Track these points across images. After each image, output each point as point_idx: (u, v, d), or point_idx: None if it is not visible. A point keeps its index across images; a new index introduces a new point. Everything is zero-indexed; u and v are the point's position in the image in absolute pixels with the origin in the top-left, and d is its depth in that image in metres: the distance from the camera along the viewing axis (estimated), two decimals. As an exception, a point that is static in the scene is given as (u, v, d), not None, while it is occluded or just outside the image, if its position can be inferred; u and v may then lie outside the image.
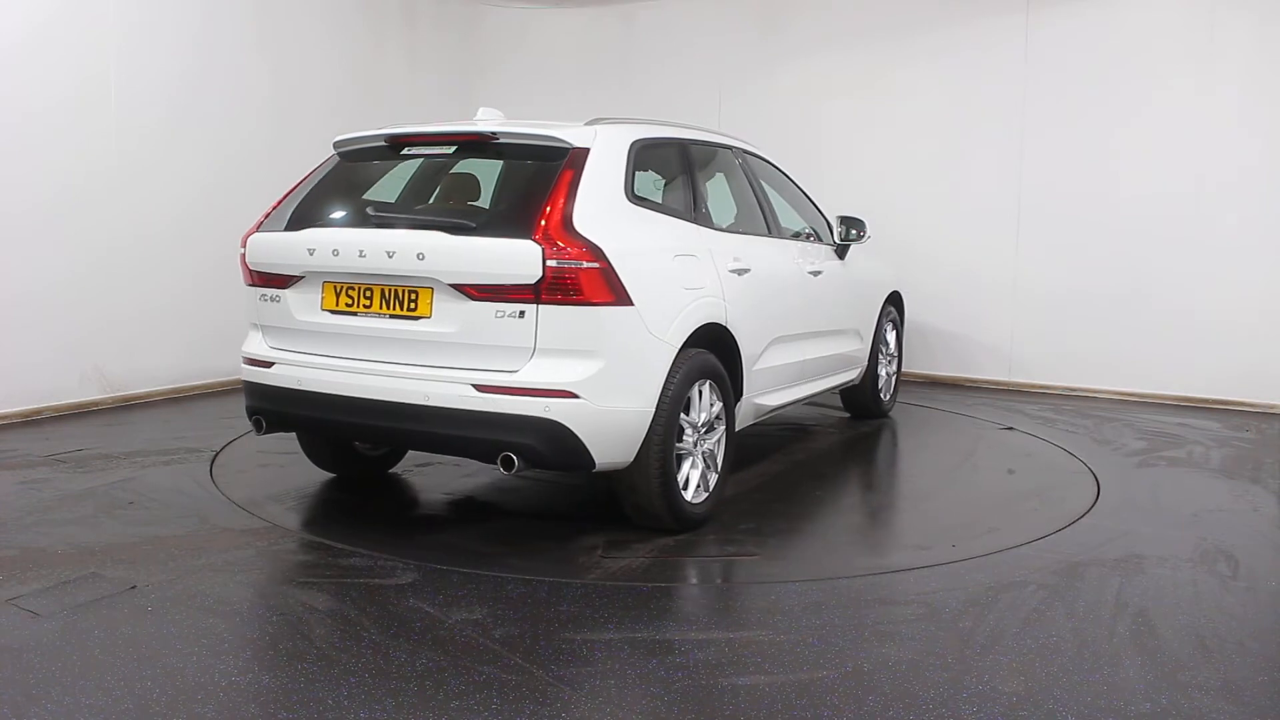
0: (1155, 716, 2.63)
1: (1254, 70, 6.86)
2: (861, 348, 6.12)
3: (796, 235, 5.58)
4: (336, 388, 3.94)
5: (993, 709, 2.64)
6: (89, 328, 6.26)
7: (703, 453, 4.16)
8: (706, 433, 4.19)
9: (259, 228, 4.30)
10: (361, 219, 4.13)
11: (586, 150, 3.88)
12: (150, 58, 6.48)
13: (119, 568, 3.57)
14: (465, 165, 4.46)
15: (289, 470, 4.95)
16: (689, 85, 8.65)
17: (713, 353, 4.20)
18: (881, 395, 6.53)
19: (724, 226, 4.84)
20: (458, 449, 4.05)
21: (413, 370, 3.79)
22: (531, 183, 3.91)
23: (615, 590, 3.47)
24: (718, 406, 4.24)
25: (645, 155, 4.28)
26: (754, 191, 5.18)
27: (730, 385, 4.34)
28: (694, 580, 3.70)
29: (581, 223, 3.67)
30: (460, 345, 3.72)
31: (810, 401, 6.41)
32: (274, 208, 4.39)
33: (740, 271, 4.47)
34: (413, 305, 3.81)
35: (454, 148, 4.20)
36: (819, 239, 5.70)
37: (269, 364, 4.17)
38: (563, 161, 3.84)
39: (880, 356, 6.43)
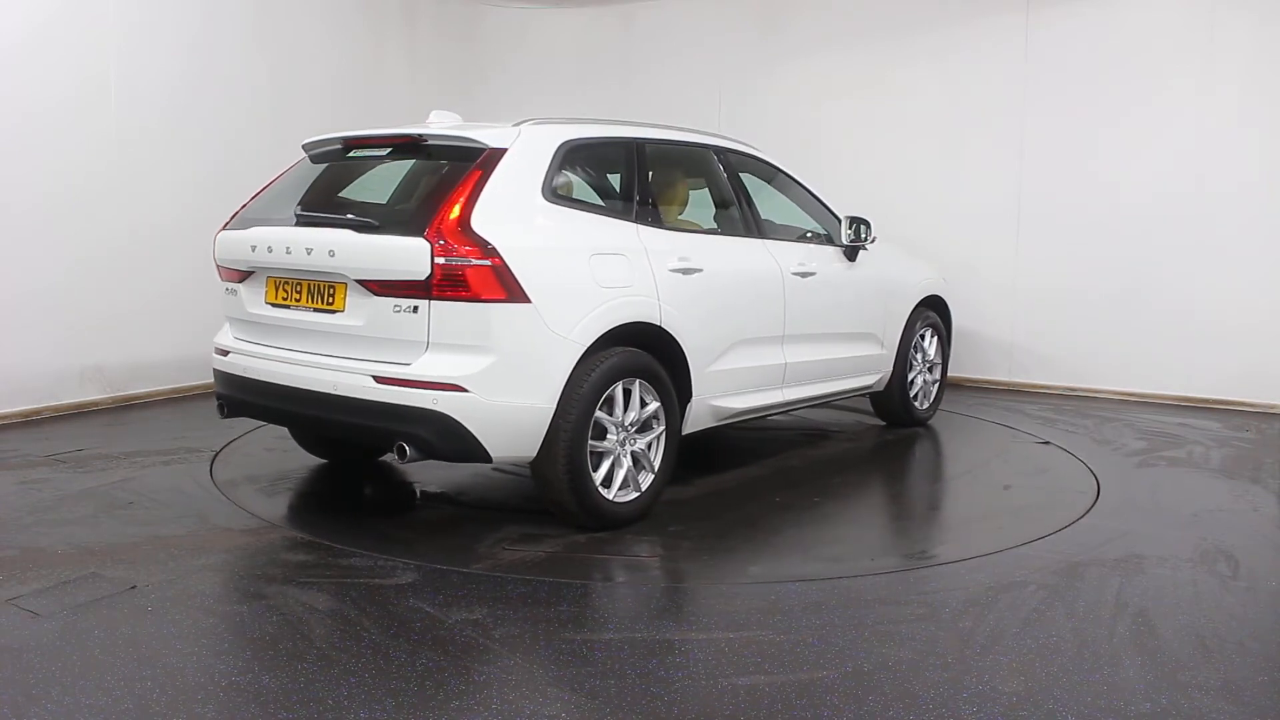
0: (1155, 716, 2.63)
1: (1254, 70, 6.85)
2: (881, 353, 5.93)
3: (802, 237, 5.54)
4: (271, 376, 4.16)
5: (993, 709, 2.64)
6: (89, 327, 6.26)
7: (632, 452, 4.15)
8: (638, 432, 4.18)
9: (227, 225, 4.49)
10: (294, 217, 4.24)
11: (502, 150, 3.97)
12: (150, 58, 6.48)
13: (119, 568, 3.57)
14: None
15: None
16: (689, 85, 8.64)
17: (650, 352, 4.21)
18: (916, 403, 6.30)
19: (701, 227, 4.83)
20: (361, 436, 4.37)
21: (328, 361, 3.98)
22: (442, 182, 4.00)
23: (612, 589, 3.47)
24: (654, 406, 4.22)
25: (578, 155, 4.32)
26: (733, 191, 5.14)
27: (673, 386, 4.32)
28: (572, 579, 3.57)
29: (480, 221, 3.75)
30: (367, 338, 3.88)
31: (837, 405, 6.36)
32: (242, 207, 4.55)
33: (687, 271, 4.43)
34: (330, 300, 3.99)
35: (389, 150, 4.33)
36: (829, 241, 5.61)
37: (227, 352, 4.40)
38: (474, 162, 3.93)
39: (914, 363, 6.23)
